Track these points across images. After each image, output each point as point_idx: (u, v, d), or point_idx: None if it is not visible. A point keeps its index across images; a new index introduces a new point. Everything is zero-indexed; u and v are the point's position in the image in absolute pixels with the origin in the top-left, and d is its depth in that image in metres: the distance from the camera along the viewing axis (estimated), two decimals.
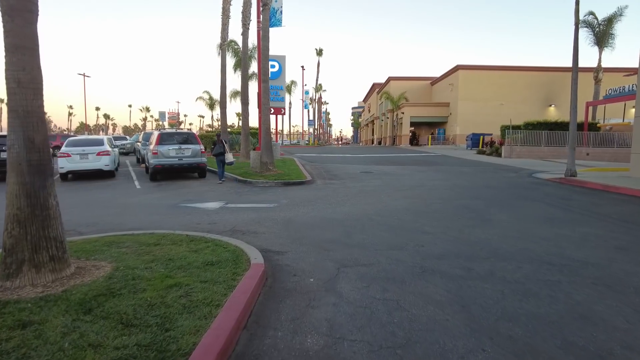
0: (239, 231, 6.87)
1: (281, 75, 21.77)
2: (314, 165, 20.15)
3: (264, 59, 14.81)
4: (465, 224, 7.49)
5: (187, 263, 4.68)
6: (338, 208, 9.01)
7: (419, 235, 6.61)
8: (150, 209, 9.15)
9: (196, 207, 9.29)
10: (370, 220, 7.74)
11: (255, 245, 5.86)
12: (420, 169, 18.44)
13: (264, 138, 14.81)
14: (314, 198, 10.42)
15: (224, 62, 23.63)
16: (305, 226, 7.26)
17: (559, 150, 26.61)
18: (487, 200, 10.05)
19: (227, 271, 4.42)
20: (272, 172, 14.56)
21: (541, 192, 11.72)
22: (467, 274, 4.75)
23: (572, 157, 14.32)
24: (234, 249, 5.29)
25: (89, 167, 14.52)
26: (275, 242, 6.14)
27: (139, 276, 4.19)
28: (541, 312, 3.73)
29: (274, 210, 8.85)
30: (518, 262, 5.19)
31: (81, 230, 7.05)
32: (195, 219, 7.92)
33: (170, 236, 6.00)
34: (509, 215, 8.25)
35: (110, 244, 5.55)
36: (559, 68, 46.36)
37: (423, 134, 54.46)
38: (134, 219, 8.05)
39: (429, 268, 4.95)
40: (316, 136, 71.72)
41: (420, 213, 8.44)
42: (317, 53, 64.71)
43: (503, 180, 14.38)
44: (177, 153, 14.01)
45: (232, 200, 10.16)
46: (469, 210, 8.82)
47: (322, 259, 5.30)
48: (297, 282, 4.50)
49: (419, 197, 10.61)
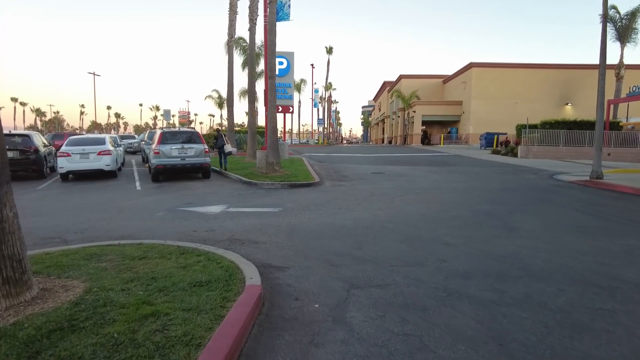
0: (237, 240, 6.21)
1: (289, 72, 21.08)
2: (322, 166, 19.45)
3: (271, 54, 14.13)
4: (488, 233, 6.74)
5: (172, 283, 4.02)
6: (347, 213, 8.31)
7: (439, 247, 5.88)
8: (147, 213, 8.55)
9: (195, 211, 8.66)
10: (383, 228, 7.03)
11: (254, 258, 5.20)
12: (433, 170, 17.63)
13: (270, 137, 14.14)
14: (322, 202, 9.73)
15: (231, 59, 23.04)
16: (311, 235, 6.57)
17: (578, 151, 25.57)
18: (509, 205, 9.26)
19: (217, 295, 3.75)
20: (279, 172, 13.89)
21: (566, 196, 10.88)
22: (500, 299, 4.03)
23: (598, 158, 13.41)
24: (228, 265, 4.62)
25: (89, 167, 14.00)
26: (277, 255, 5.46)
27: (112, 301, 3.54)
28: (602, 356, 2.99)
29: (278, 215, 8.18)
30: (557, 283, 4.44)
31: (68, 237, 6.47)
32: (192, 226, 7.29)
33: (160, 247, 5.35)
34: (535, 223, 7.46)
35: (91, 257, 4.92)
36: (576, 65, 45.06)
37: (435, 133, 53.41)
38: (126, 225, 7.44)
39: (454, 290, 4.23)
40: (326, 135, 71.00)
41: (437, 220, 7.70)
42: (327, 51, 64.01)
43: (523, 183, 13.54)
44: (179, 153, 13.41)
45: (234, 204, 9.52)
46: (491, 216, 8.05)
47: (329, 277, 4.61)
48: (299, 308, 3.81)
49: (435, 201, 9.85)
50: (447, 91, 54.75)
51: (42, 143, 15.78)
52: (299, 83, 64.52)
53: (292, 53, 21.24)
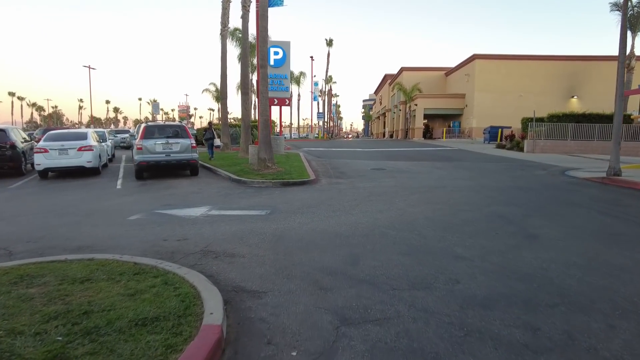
0: (211, 253, 5.27)
1: (285, 63, 20.01)
2: (320, 161, 18.48)
3: (262, 41, 13.09)
4: (506, 242, 5.79)
5: (107, 322, 3.08)
6: (343, 217, 7.36)
7: (449, 261, 4.93)
8: (118, 217, 7.60)
9: (173, 214, 7.72)
10: (383, 235, 6.08)
11: (225, 279, 4.27)
12: (437, 166, 16.64)
13: (262, 131, 13.13)
14: (316, 203, 8.78)
15: (224, 49, 22.00)
16: (300, 245, 5.63)
17: (586, 145, 24.54)
18: (524, 207, 8.30)
19: (161, 341, 2.82)
20: (272, 169, 12.92)
21: (584, 195, 9.91)
22: (534, 340, 3.09)
23: (616, 154, 12.44)
24: (187, 292, 3.68)
25: (68, 164, 13.03)
26: (254, 274, 4.52)
27: (12, 355, 2.60)
28: None
29: (265, 219, 7.23)
30: (605, 316, 3.50)
31: (15, 249, 5.54)
32: (164, 233, 6.35)
33: (112, 265, 4.41)
34: (558, 229, 6.51)
35: (22, 279, 3.98)
36: (582, 57, 43.89)
37: (437, 127, 52.25)
38: (90, 232, 6.51)
39: (473, 327, 3.29)
40: (326, 129, 69.88)
41: (446, 225, 6.74)
42: (327, 44, 62.79)
43: (534, 180, 12.57)
44: (164, 148, 12.43)
45: (218, 205, 8.57)
46: (506, 220, 7.09)
47: (315, 308, 3.66)
48: (270, 358, 2.87)
49: (441, 201, 8.90)
50: (449, 84, 53.54)
51: (22, 138, 14.83)
52: (299, 76, 63.38)
53: (288, 42, 20.16)
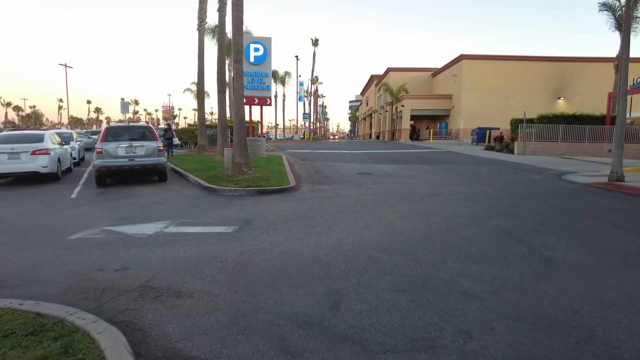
0: (152, 290, 4.10)
1: (266, 60, 18.85)
2: (303, 164, 17.34)
3: (237, 32, 11.89)
4: (520, 270, 4.74)
5: None
6: (324, 235, 6.24)
7: (455, 301, 3.86)
8: (56, 237, 6.35)
9: (122, 232, 6.50)
10: (372, 261, 4.98)
11: (158, 336, 3.12)
12: (428, 169, 15.66)
13: (237, 133, 11.90)
14: (294, 215, 7.65)
15: (201, 46, 20.68)
16: (267, 278, 4.49)
17: (577, 147, 23.93)
18: (530, 220, 7.30)
19: None
20: (248, 175, 11.72)
21: (592, 204, 8.99)
22: None
23: (619, 157, 11.59)
24: None
25: (19, 169, 11.61)
26: (200, 327, 3.36)
27: None
28: None
29: (230, 239, 6.06)
30: None
31: None
32: (103, 259, 5.15)
33: (2, 318, 3.22)
34: (577, 250, 5.51)
35: None
36: (569, 58, 43.64)
37: (424, 128, 51.56)
38: (9, 259, 5.26)
39: None
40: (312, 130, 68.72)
41: (445, 246, 5.68)
42: (313, 43, 61.74)
43: (532, 186, 11.65)
44: (127, 152, 11.13)
45: (179, 219, 7.37)
46: (514, 239, 6.07)
47: None
48: None
49: (436, 213, 7.85)
50: (436, 85, 52.91)
51: None
52: (284, 76, 62.17)
53: (269, 38, 19.03)
